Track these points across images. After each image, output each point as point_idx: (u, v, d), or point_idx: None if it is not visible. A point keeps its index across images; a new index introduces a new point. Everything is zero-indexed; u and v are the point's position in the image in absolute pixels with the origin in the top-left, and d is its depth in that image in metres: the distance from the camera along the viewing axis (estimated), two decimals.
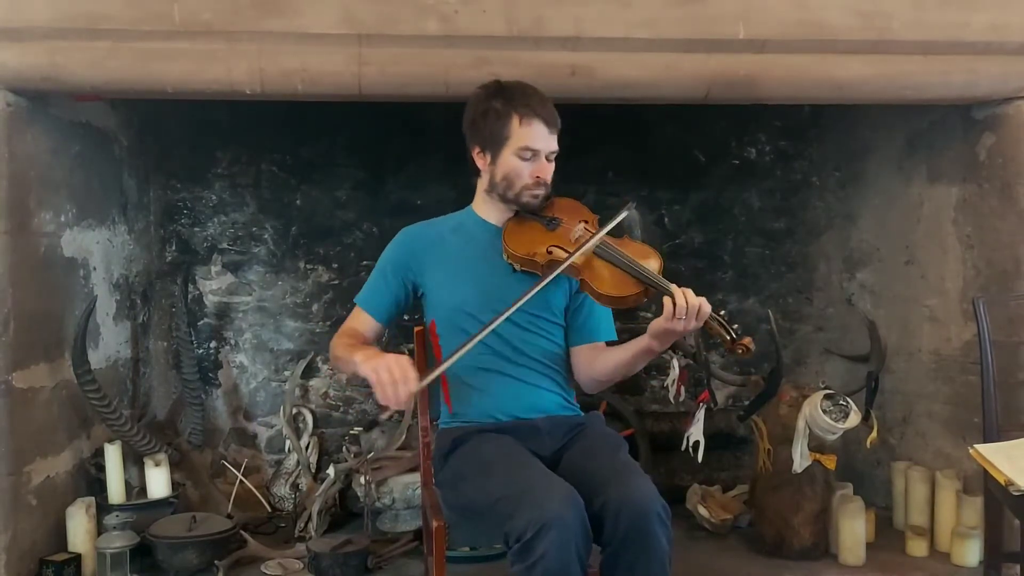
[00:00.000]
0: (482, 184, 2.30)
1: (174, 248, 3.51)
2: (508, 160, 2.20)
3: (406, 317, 2.47)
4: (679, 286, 2.00)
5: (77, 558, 2.72)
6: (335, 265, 3.57)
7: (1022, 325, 2.80)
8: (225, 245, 3.53)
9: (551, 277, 2.09)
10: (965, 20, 2.65)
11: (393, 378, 1.91)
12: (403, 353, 2.21)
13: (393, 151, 3.53)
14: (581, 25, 2.56)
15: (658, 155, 3.61)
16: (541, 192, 2.22)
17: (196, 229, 3.52)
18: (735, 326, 2.04)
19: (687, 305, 1.95)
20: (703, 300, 1.98)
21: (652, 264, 2.13)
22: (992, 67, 2.73)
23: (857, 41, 2.64)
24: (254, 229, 3.54)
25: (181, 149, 3.49)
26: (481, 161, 2.25)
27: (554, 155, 2.23)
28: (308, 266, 3.56)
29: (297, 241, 3.55)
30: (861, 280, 3.58)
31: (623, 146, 3.57)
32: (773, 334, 2.78)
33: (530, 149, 2.18)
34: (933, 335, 3.18)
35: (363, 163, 3.54)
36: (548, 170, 2.23)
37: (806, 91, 2.78)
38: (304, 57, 2.54)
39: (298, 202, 3.54)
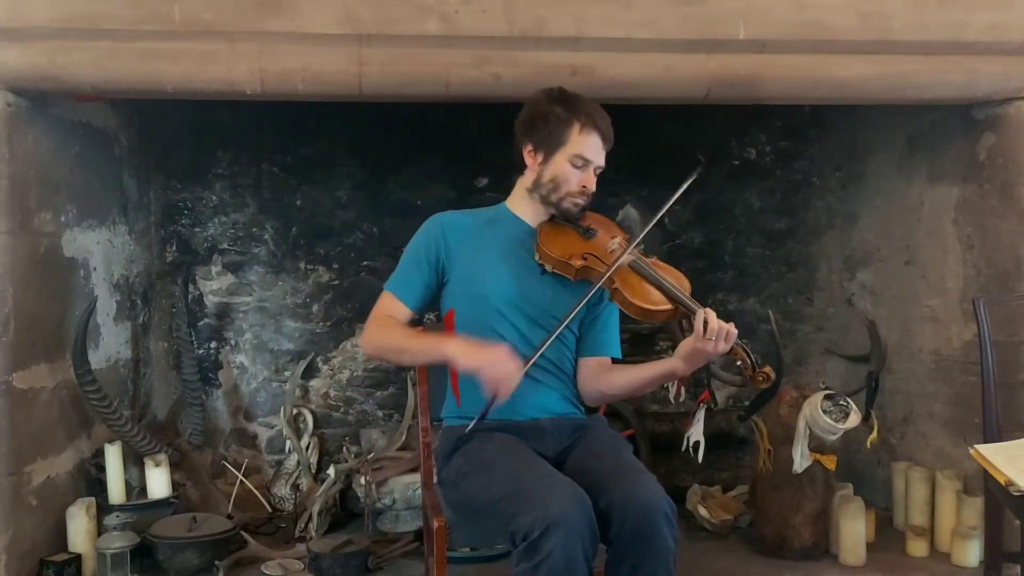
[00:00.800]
0: (525, 182, 2.31)
1: (174, 248, 3.51)
2: (560, 164, 2.23)
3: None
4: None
5: (77, 558, 2.72)
6: (335, 265, 3.57)
7: (1022, 325, 2.80)
8: (225, 245, 3.54)
9: (601, 281, 2.14)
10: (965, 20, 2.65)
11: (507, 373, 1.98)
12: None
13: (393, 151, 3.53)
14: (581, 25, 2.56)
15: (658, 155, 3.61)
16: (582, 202, 2.26)
17: (196, 229, 3.52)
18: (756, 357, 2.09)
19: (718, 327, 2.00)
20: (730, 324, 2.03)
21: (684, 285, 2.18)
22: (992, 67, 2.73)
23: (857, 41, 2.64)
24: (254, 229, 3.54)
25: (181, 149, 3.49)
26: (531, 159, 2.27)
27: (600, 170, 2.28)
28: (308, 266, 3.56)
29: (297, 241, 3.55)
30: (861, 280, 3.58)
31: (623, 146, 3.55)
32: (773, 334, 2.78)
33: (583, 158, 2.22)
34: (933, 335, 3.18)
35: (363, 163, 3.54)
36: (593, 182, 2.27)
37: (806, 91, 2.78)
38: (304, 57, 2.54)
39: (298, 202, 3.54)
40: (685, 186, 2.25)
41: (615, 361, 2.34)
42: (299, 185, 3.54)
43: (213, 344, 3.54)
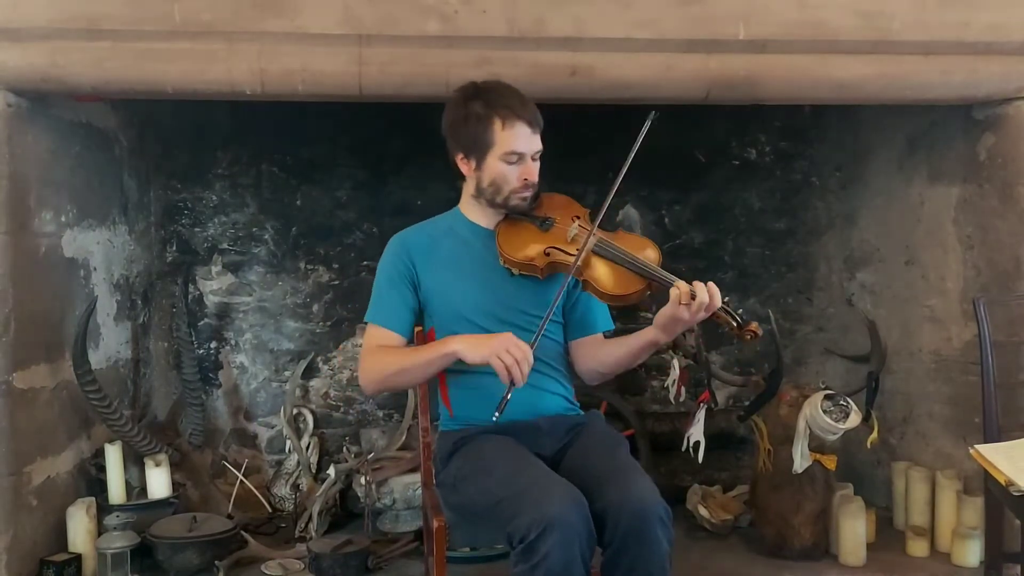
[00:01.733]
0: (468, 189, 2.26)
1: (175, 248, 3.51)
2: (494, 165, 2.16)
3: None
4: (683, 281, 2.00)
5: (77, 558, 2.73)
6: (335, 265, 3.57)
7: (1022, 325, 2.80)
8: (225, 245, 3.54)
9: (564, 286, 2.09)
10: (966, 20, 2.65)
11: (515, 359, 1.94)
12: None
13: (393, 151, 3.53)
14: (581, 25, 2.56)
15: (658, 155, 3.60)
16: (529, 194, 2.20)
17: (196, 229, 3.52)
18: (740, 311, 2.03)
19: (694, 292, 1.94)
20: (715, 290, 1.96)
21: (650, 255, 2.12)
22: (993, 67, 2.73)
23: (858, 41, 2.64)
24: (254, 229, 3.54)
25: (182, 149, 3.49)
26: (466, 167, 2.21)
27: (539, 154, 2.20)
28: (308, 266, 3.56)
29: (297, 241, 3.55)
30: (861, 280, 3.58)
31: (623, 146, 3.56)
32: (774, 334, 2.78)
33: (515, 153, 2.15)
34: (933, 335, 3.18)
35: (364, 163, 3.54)
36: (535, 171, 2.19)
37: (806, 91, 2.78)
38: (304, 57, 2.54)
39: (298, 202, 3.54)
40: (639, 141, 2.15)
41: (608, 334, 2.28)
42: (299, 185, 3.54)
43: (213, 344, 3.54)
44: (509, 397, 1.96)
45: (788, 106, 3.35)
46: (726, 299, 2.02)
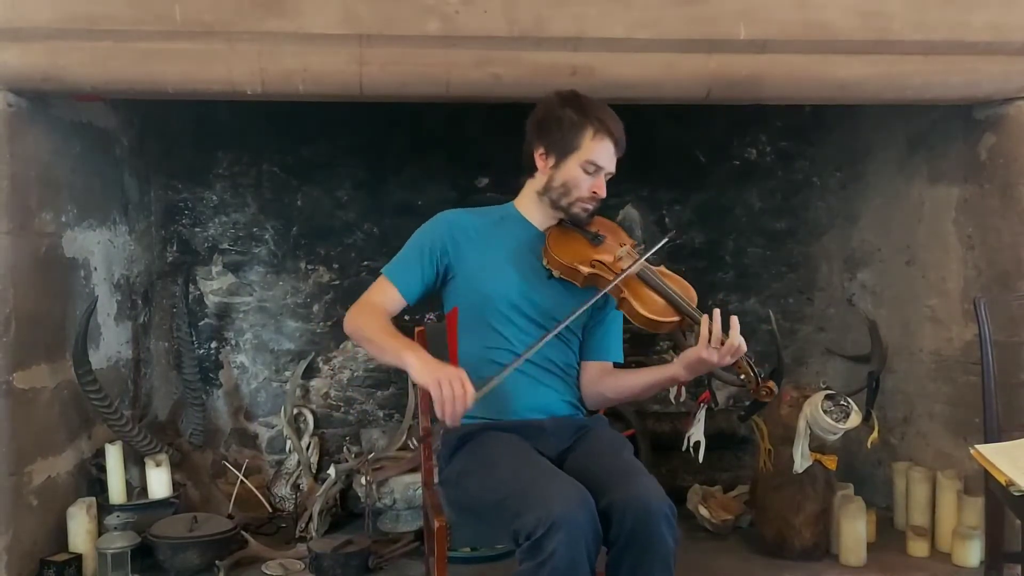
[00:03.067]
0: (535, 184, 2.29)
1: (175, 248, 3.51)
2: (572, 169, 2.21)
3: (406, 317, 2.47)
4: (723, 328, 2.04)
5: (78, 558, 2.72)
6: (336, 265, 3.57)
7: (1023, 325, 2.80)
8: (226, 245, 3.54)
9: (602, 292, 2.13)
10: (966, 20, 2.65)
11: (454, 394, 1.90)
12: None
13: (394, 151, 3.53)
14: (582, 25, 2.56)
15: (659, 155, 3.61)
16: (592, 207, 2.26)
17: (197, 229, 3.52)
18: (759, 369, 2.09)
19: (724, 337, 2.00)
20: (740, 337, 2.02)
21: (690, 295, 2.17)
22: (993, 67, 2.73)
23: (858, 41, 2.64)
24: (255, 229, 3.54)
25: (182, 149, 3.49)
26: (542, 163, 2.25)
27: (611, 176, 2.26)
28: (309, 266, 3.56)
29: (298, 241, 3.55)
30: (862, 280, 3.58)
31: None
32: (774, 334, 2.78)
33: (595, 164, 2.21)
34: (934, 335, 3.18)
35: (364, 163, 3.54)
36: (603, 188, 2.26)
37: (807, 91, 2.78)
38: (305, 57, 2.54)
39: (299, 202, 3.54)
40: (657, 248, 2.24)
41: (617, 365, 2.34)
42: (300, 185, 3.54)
43: (214, 344, 3.54)
44: (433, 428, 2.02)
45: (789, 106, 3.34)
46: (749, 356, 2.07)
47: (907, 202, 3.30)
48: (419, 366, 1.97)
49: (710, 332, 2.01)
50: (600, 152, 2.20)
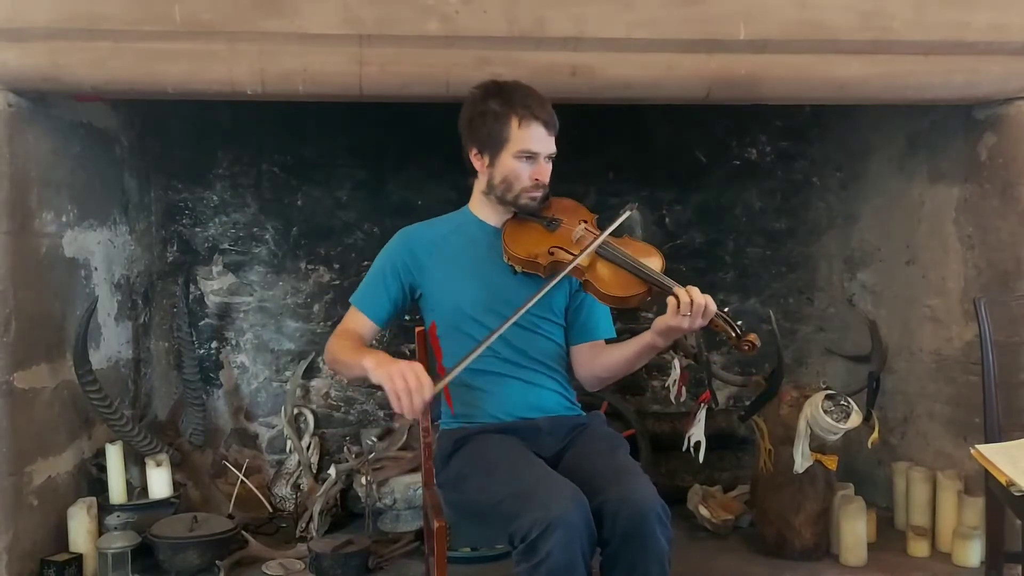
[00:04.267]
0: (479, 185, 2.28)
1: (175, 248, 3.51)
2: (507, 162, 2.19)
3: (407, 318, 2.47)
4: (684, 286, 2.00)
5: (78, 558, 2.73)
6: (336, 265, 3.57)
7: (1023, 325, 2.79)
8: (226, 245, 3.54)
9: (557, 279, 2.08)
10: (966, 20, 2.65)
11: (408, 386, 1.88)
12: (404, 355, 2.20)
13: (394, 151, 3.53)
14: (582, 25, 2.56)
15: (659, 155, 3.61)
16: (539, 194, 2.21)
17: (197, 229, 3.52)
18: (739, 322, 2.03)
19: (692, 301, 1.96)
20: (708, 298, 1.98)
21: (654, 263, 2.12)
22: (993, 67, 2.73)
23: (858, 41, 2.64)
24: (255, 229, 3.54)
25: (182, 149, 3.49)
26: (479, 163, 2.24)
27: (552, 156, 2.22)
28: (309, 266, 3.56)
29: (298, 241, 3.55)
30: (862, 280, 3.58)
31: (624, 146, 3.57)
32: (774, 334, 2.78)
33: (529, 152, 2.17)
34: (934, 335, 3.18)
35: (364, 163, 3.54)
36: (546, 172, 2.22)
37: (807, 91, 2.78)
38: (305, 57, 2.55)
39: (299, 202, 3.54)
40: (614, 226, 2.15)
41: (609, 341, 2.30)
42: (300, 185, 3.54)
43: (214, 344, 3.54)
44: (397, 425, 1.95)
45: (789, 106, 3.35)
46: (725, 309, 2.03)
47: (907, 202, 3.30)
48: (372, 366, 1.96)
49: (678, 299, 1.96)
50: (530, 138, 2.16)
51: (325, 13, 2.50)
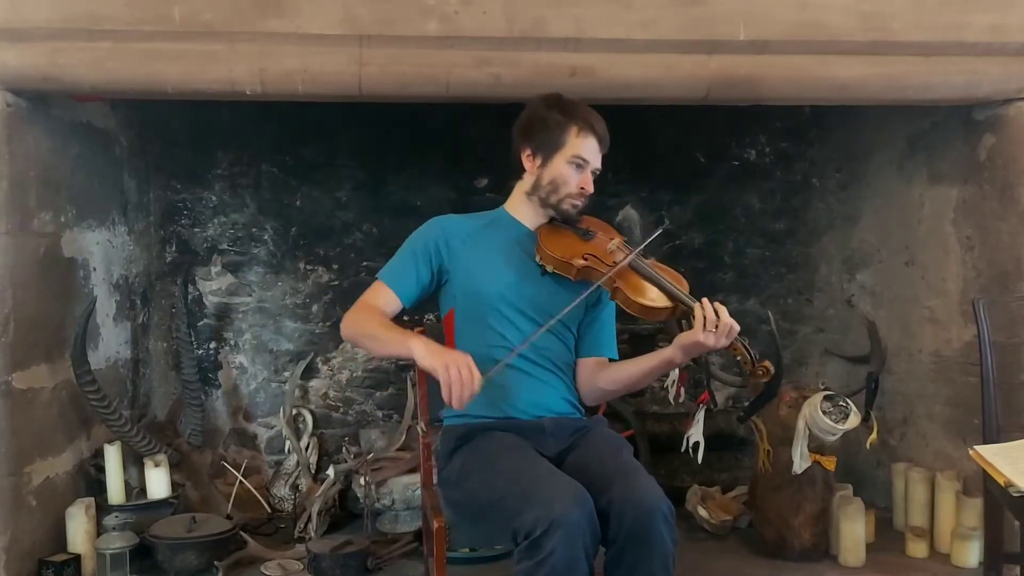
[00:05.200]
0: (524, 186, 2.33)
1: (174, 249, 3.51)
2: (559, 166, 2.26)
3: (405, 318, 2.47)
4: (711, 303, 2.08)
5: (77, 559, 2.72)
6: (335, 266, 3.56)
7: (1022, 326, 2.80)
8: (225, 246, 3.53)
9: (600, 281, 2.16)
10: (966, 21, 2.65)
11: (462, 378, 1.94)
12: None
13: (393, 152, 3.53)
14: (582, 26, 2.56)
15: (658, 156, 3.61)
16: (581, 203, 2.29)
17: (196, 230, 3.52)
18: (756, 351, 2.11)
19: (718, 319, 2.03)
20: (733, 320, 2.05)
21: (682, 285, 2.20)
22: (993, 68, 2.73)
23: (858, 42, 2.64)
24: (254, 230, 3.54)
25: (181, 150, 3.49)
26: (530, 163, 2.29)
27: (597, 172, 2.30)
28: (308, 267, 3.56)
29: (297, 242, 3.54)
30: (861, 281, 3.58)
31: (623, 147, 3.55)
32: (773, 335, 2.77)
33: (582, 159, 2.25)
34: (933, 336, 3.18)
35: (363, 164, 3.54)
36: (591, 184, 2.29)
37: (807, 92, 2.78)
38: (305, 57, 2.54)
39: (298, 203, 3.54)
40: (648, 241, 2.26)
41: (611, 362, 2.35)
42: (299, 185, 3.54)
43: (213, 344, 3.54)
44: (443, 414, 2.10)
45: (788, 107, 3.35)
46: (743, 338, 2.10)
47: (907, 203, 3.30)
48: (425, 352, 2.01)
49: (705, 316, 2.04)
50: (585, 148, 2.25)
51: (325, 13, 2.50)
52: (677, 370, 2.79)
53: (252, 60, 2.53)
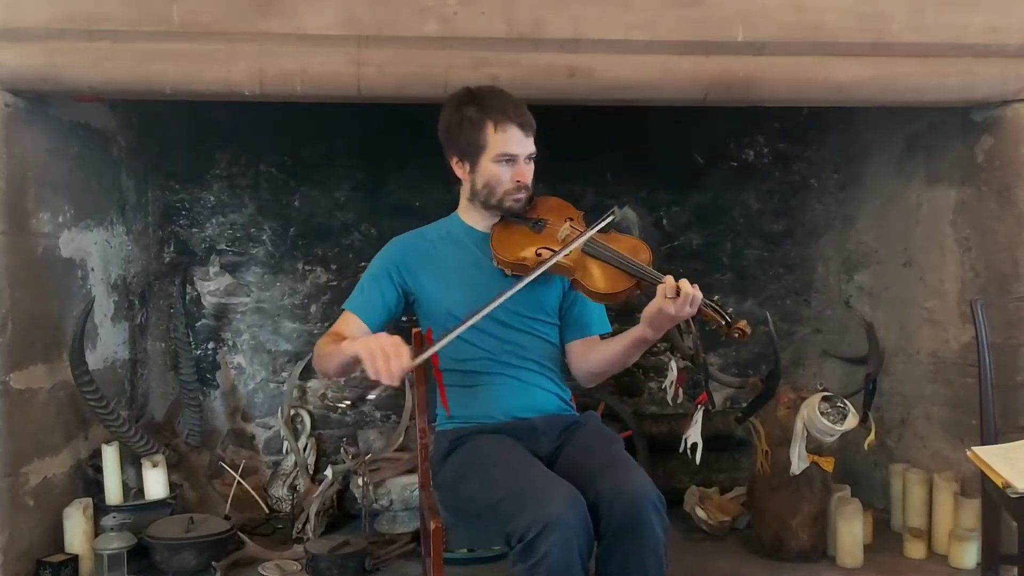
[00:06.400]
0: (464, 192, 2.30)
1: (172, 249, 3.51)
2: (487, 168, 2.20)
3: (404, 319, 2.47)
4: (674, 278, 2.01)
5: (74, 559, 2.72)
6: (333, 266, 3.56)
7: (1020, 327, 2.80)
8: (223, 246, 3.53)
9: (538, 272, 2.08)
10: (963, 22, 2.65)
11: (385, 352, 1.87)
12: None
13: (392, 152, 3.53)
14: (580, 27, 2.56)
15: (657, 157, 3.61)
16: (523, 196, 2.23)
17: (194, 230, 3.52)
18: (729, 310, 2.05)
19: (679, 287, 1.96)
20: (695, 286, 1.98)
21: (642, 257, 2.13)
22: (990, 69, 2.73)
23: (856, 43, 2.64)
24: (252, 230, 3.54)
25: (180, 150, 3.49)
26: (460, 170, 2.26)
27: (532, 156, 2.23)
28: (306, 267, 3.56)
29: (295, 242, 3.54)
30: (859, 282, 3.59)
31: (622, 148, 3.57)
32: (771, 336, 2.78)
33: (508, 155, 2.19)
34: (931, 337, 3.18)
35: (362, 164, 3.54)
36: (528, 173, 2.23)
37: (805, 93, 2.78)
38: (303, 58, 2.54)
39: (297, 203, 3.54)
40: (597, 226, 2.15)
41: (605, 337, 2.30)
42: (297, 186, 3.54)
43: (211, 345, 3.54)
44: (372, 396, 2.12)
45: (786, 108, 3.36)
46: (715, 297, 2.05)
47: (904, 204, 3.30)
48: (350, 343, 1.98)
49: (664, 284, 1.97)
50: (507, 142, 2.18)
51: (323, 14, 2.50)
52: (675, 371, 2.79)
53: (251, 60, 2.53)
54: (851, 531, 2.87)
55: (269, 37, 2.51)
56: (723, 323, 2.02)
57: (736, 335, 2.03)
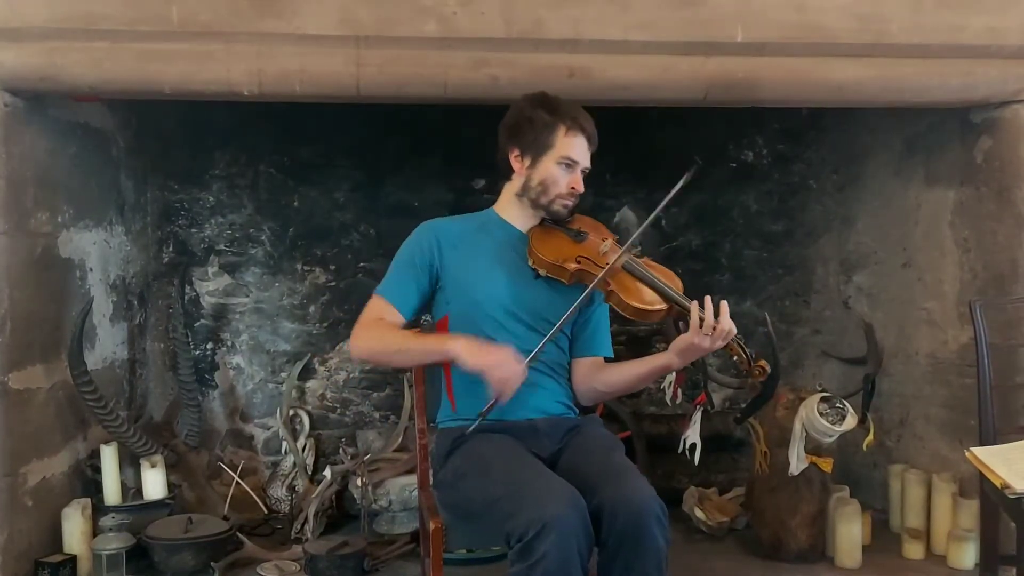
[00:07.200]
0: (513, 187, 2.31)
1: (171, 249, 3.51)
2: (548, 167, 2.24)
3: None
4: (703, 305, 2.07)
5: (73, 559, 2.72)
6: (332, 267, 3.56)
7: (1019, 328, 2.80)
8: (222, 246, 3.53)
9: (594, 284, 2.14)
10: (963, 23, 2.66)
11: (510, 374, 2.01)
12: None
13: (391, 153, 3.53)
14: (579, 27, 2.56)
15: (656, 157, 3.61)
16: (571, 203, 2.28)
17: (193, 230, 3.51)
18: (751, 350, 2.11)
19: (716, 322, 2.02)
20: (731, 320, 2.04)
21: (675, 284, 2.20)
22: (989, 70, 2.74)
23: (855, 44, 2.65)
24: (251, 230, 3.53)
25: (179, 150, 3.48)
26: (518, 164, 2.28)
27: (587, 171, 2.29)
28: (305, 267, 3.56)
29: (294, 242, 3.54)
30: (858, 283, 3.59)
31: (621, 148, 3.57)
32: (770, 337, 2.77)
33: (571, 159, 2.24)
34: (930, 338, 3.18)
35: (361, 164, 3.54)
36: (581, 182, 2.28)
37: (804, 93, 2.78)
38: (302, 58, 2.54)
39: (296, 203, 3.54)
40: (680, 186, 2.25)
41: (607, 361, 2.36)
42: (296, 186, 3.53)
43: (209, 345, 3.54)
44: (489, 412, 2.08)
45: (786, 108, 3.35)
46: (739, 338, 2.10)
47: (903, 205, 3.31)
48: (470, 354, 2.05)
49: (701, 318, 2.03)
50: (574, 147, 2.24)
51: (323, 14, 2.50)
52: (674, 371, 2.79)
53: (250, 60, 2.53)
54: (850, 532, 2.88)
55: (268, 37, 2.51)
56: (745, 359, 2.10)
57: (757, 373, 2.12)
